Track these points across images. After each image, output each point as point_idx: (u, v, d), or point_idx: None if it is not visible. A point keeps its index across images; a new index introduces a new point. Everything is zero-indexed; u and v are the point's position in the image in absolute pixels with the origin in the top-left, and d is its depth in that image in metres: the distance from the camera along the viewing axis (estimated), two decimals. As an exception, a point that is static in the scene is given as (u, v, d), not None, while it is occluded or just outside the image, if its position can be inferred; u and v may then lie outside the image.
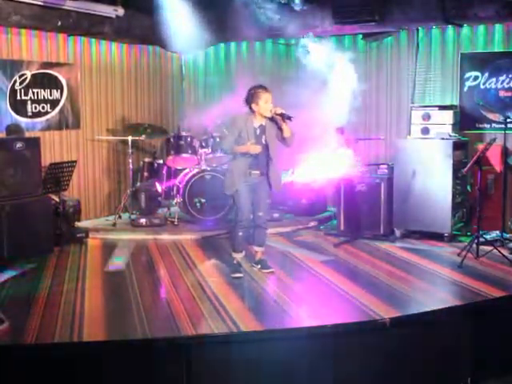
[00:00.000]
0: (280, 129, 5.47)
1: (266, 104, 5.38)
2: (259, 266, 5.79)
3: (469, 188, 7.09)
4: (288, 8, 7.16)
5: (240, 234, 5.64)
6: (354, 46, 8.24)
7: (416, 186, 6.90)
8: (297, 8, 7.12)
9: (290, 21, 7.22)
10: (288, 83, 7.05)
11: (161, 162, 8.11)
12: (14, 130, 6.77)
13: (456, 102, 7.50)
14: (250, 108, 5.46)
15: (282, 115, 5.39)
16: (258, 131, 5.47)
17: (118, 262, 6.29)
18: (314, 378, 4.26)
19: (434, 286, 5.28)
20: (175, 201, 7.85)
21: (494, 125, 7.28)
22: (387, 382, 4.51)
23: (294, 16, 7.26)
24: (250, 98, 5.43)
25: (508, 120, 6.59)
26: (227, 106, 6.47)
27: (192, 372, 4.10)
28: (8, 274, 5.73)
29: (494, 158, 6.88)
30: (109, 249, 6.83)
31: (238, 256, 5.74)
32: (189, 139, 8.08)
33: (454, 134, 7.05)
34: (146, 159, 8.20)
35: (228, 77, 8.98)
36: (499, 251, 5.97)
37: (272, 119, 5.46)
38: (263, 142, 5.47)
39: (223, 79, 9.03)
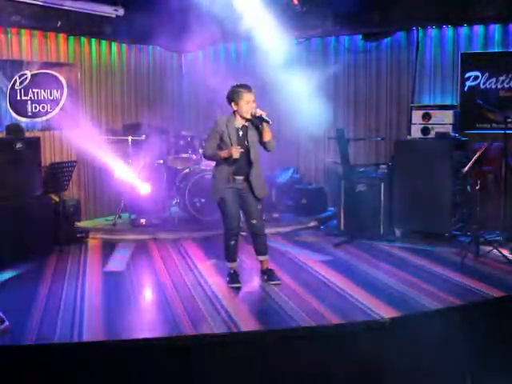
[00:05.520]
0: (260, 132, 5.18)
1: (247, 105, 5.08)
2: (266, 277, 5.49)
3: (469, 188, 7.08)
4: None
5: (232, 243, 5.37)
6: (354, 46, 8.24)
7: (416, 186, 6.89)
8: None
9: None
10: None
11: (161, 161, 8.10)
12: (13, 129, 6.78)
13: (456, 102, 7.50)
14: (231, 107, 5.17)
15: (260, 118, 5.07)
16: (240, 132, 5.17)
17: (117, 262, 6.29)
18: (313, 378, 4.25)
19: (434, 286, 5.28)
20: (175, 201, 7.84)
21: (493, 125, 7.27)
22: (387, 382, 4.50)
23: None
24: (231, 97, 5.14)
25: (508, 120, 6.58)
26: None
27: (192, 372, 4.10)
28: (8, 274, 5.74)
29: (494, 158, 6.87)
30: (109, 249, 6.83)
31: (233, 265, 5.49)
32: (189, 139, 8.08)
33: (454, 134, 7.05)
34: (147, 159, 8.19)
35: (228, 77, 8.95)
36: (499, 251, 5.96)
37: (253, 121, 5.18)
38: (246, 143, 5.17)
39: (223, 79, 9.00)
